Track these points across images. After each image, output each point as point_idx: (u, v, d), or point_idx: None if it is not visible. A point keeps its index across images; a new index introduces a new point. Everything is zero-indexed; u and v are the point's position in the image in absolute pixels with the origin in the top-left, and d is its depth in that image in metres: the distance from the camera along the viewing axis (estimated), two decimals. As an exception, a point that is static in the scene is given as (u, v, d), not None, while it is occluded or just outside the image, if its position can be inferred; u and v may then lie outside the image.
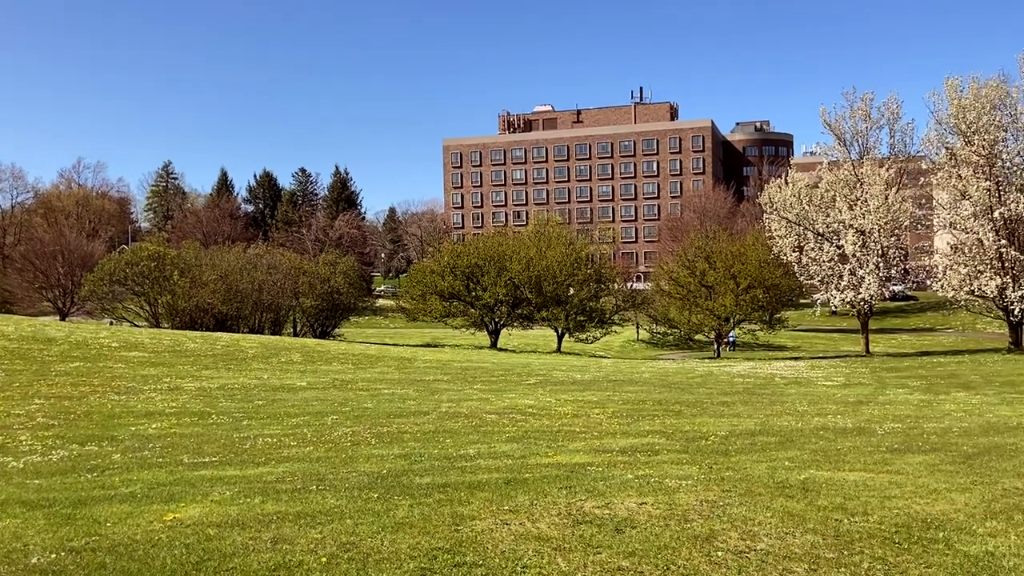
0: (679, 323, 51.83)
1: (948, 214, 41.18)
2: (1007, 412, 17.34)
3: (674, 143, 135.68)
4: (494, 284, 50.42)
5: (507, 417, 15.60)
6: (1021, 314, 37.84)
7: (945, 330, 71.14)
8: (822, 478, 9.28)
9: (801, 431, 13.98)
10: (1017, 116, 38.32)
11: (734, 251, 50.23)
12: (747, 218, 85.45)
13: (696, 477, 9.25)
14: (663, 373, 31.35)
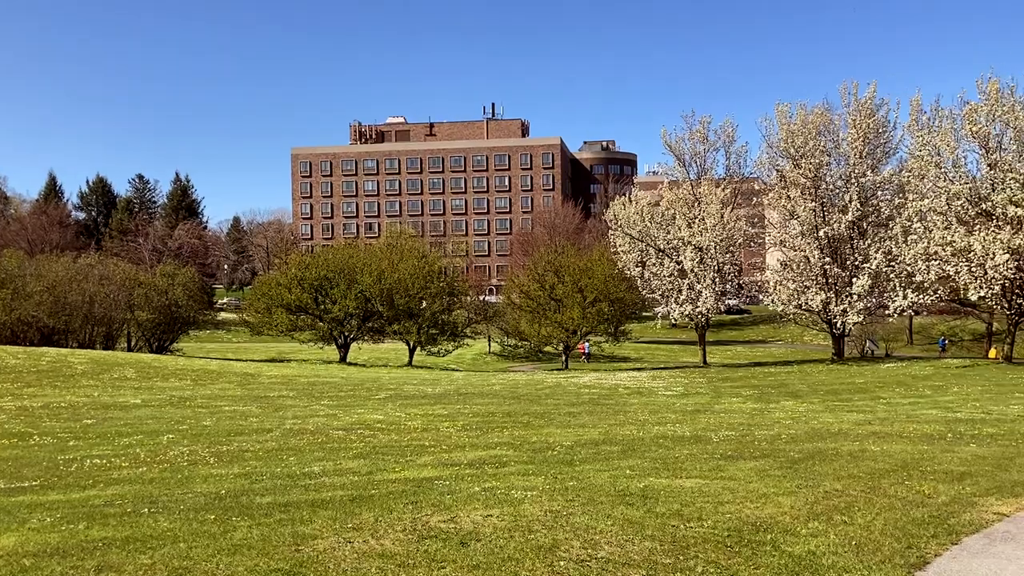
0: (529, 336, 52.63)
1: (778, 232, 43.83)
2: (830, 419, 18.52)
3: (525, 159, 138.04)
4: (344, 297, 49.60)
5: (355, 433, 15.33)
6: (843, 327, 40.63)
7: (776, 342, 75.52)
8: (661, 485, 9.60)
9: (642, 440, 14.44)
10: (839, 142, 41.27)
11: (582, 265, 51.55)
12: (594, 234, 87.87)
13: (541, 488, 9.37)
14: (513, 385, 31.70)
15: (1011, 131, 34.77)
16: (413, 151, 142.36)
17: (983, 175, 35.72)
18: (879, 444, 13.59)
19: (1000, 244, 32.18)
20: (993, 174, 34.73)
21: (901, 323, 64.13)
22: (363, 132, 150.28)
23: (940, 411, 19.96)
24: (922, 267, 35.17)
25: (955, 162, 35.91)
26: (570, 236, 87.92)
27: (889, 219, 39.02)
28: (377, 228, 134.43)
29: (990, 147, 35.08)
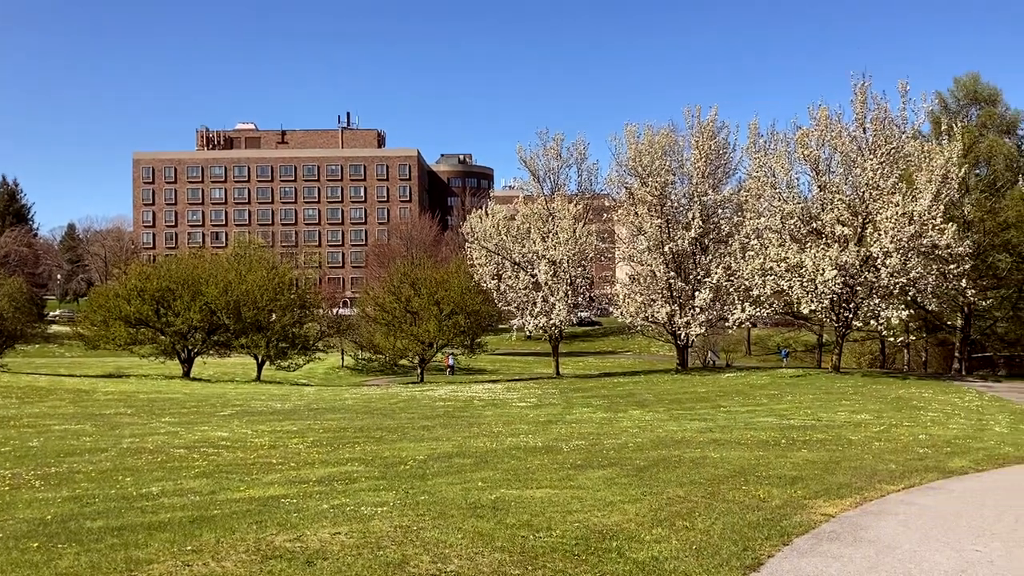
0: (384, 349, 52.01)
1: (627, 247, 45.30)
2: (674, 427, 19.22)
3: (381, 170, 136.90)
4: (188, 309, 47.48)
5: (197, 451, 14.68)
6: (687, 338, 42.37)
7: (625, 353, 77.89)
8: (512, 497, 9.68)
9: (495, 451, 14.52)
10: (684, 162, 43.12)
11: (438, 278, 51.48)
12: (451, 246, 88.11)
13: (392, 503, 9.26)
14: (367, 399, 31.24)
15: (838, 155, 37.27)
16: (264, 159, 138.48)
17: (814, 196, 38.12)
18: (719, 451, 14.21)
19: (829, 261, 34.39)
20: (823, 195, 37.12)
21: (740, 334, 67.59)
22: (211, 138, 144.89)
23: (775, 419, 21.08)
24: (759, 282, 37.12)
25: (789, 183, 38.14)
26: (427, 248, 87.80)
27: (729, 236, 41.02)
28: (225, 238, 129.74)
29: (820, 170, 37.50)
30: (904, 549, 7.66)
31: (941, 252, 35.49)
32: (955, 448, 15.20)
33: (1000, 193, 46.51)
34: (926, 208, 34.36)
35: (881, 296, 35.64)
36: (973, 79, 51.42)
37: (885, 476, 11.66)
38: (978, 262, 42.23)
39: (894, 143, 35.80)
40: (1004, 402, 25.43)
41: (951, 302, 41.89)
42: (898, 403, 24.62)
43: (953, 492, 10.72)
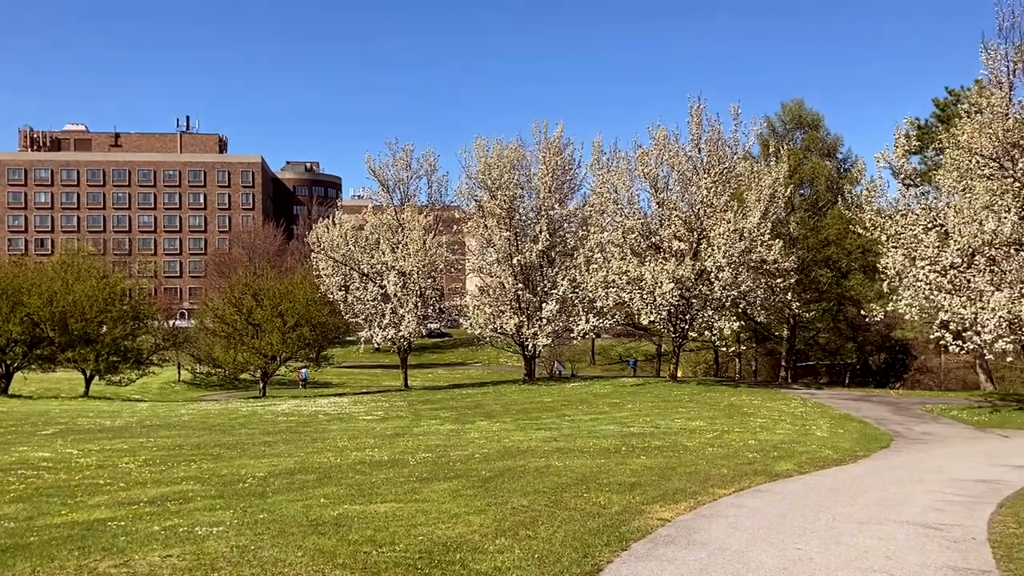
0: (224, 362, 50.08)
1: (477, 259, 45.67)
2: (520, 437, 19.47)
3: (223, 176, 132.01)
4: (7, 321, 44.15)
5: (14, 474, 13.64)
6: (534, 349, 43.09)
7: (474, 364, 78.25)
8: (355, 512, 9.51)
9: (340, 467, 14.25)
10: (531, 176, 43.94)
11: (283, 289, 50.12)
12: (296, 256, 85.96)
13: (229, 522, 8.90)
14: (204, 415, 29.99)
15: (675, 174, 39.06)
16: (95, 162, 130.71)
17: (653, 212, 39.76)
18: (563, 460, 14.50)
19: (667, 274, 35.88)
20: (661, 212, 38.75)
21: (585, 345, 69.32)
22: (35, 139, 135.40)
23: (617, 427, 21.74)
24: (602, 294, 38.27)
25: (630, 199, 39.63)
26: (271, 258, 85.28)
27: (574, 249, 42.11)
28: (51, 244, 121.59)
29: (659, 187, 39.13)
30: (733, 550, 8.04)
31: (769, 267, 37.76)
32: (781, 452, 16.14)
33: (822, 212, 49.98)
34: (755, 225, 36.48)
35: (715, 308, 37.48)
36: (798, 105, 55.01)
37: (717, 480, 12.23)
38: (802, 276, 45.17)
39: (726, 163, 37.85)
40: (825, 408, 27.25)
41: (778, 314, 44.57)
42: (730, 410, 25.91)
43: (778, 494, 11.36)
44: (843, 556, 7.85)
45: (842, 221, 39.29)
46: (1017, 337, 25.11)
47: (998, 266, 26.02)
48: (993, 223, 25.01)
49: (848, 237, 41.46)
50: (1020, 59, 26.46)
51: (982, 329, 24.90)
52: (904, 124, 29.21)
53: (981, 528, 9.17)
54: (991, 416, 25.35)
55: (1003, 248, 25.68)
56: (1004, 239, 25.17)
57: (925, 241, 26.98)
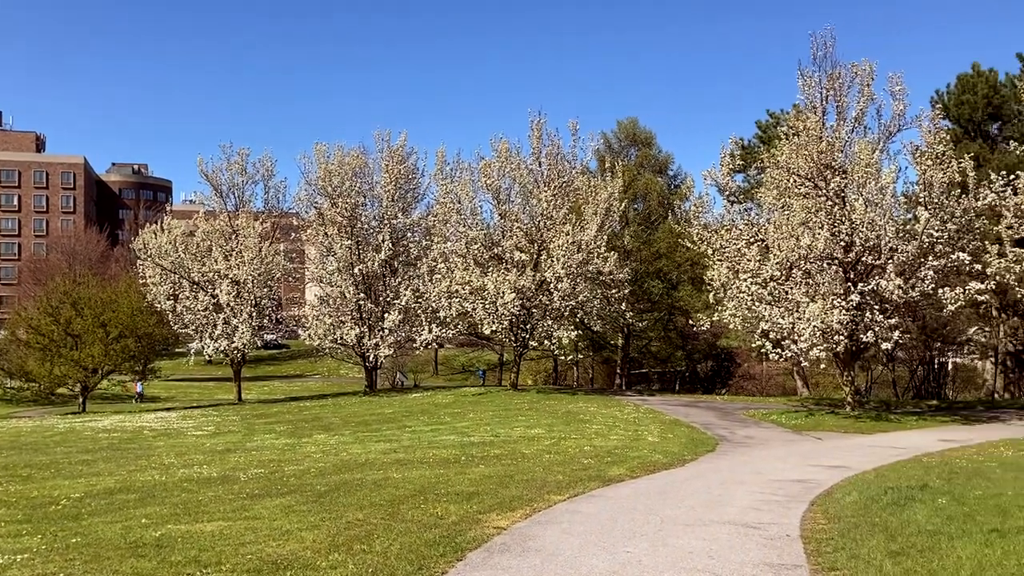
0: (39, 377, 46.59)
1: (317, 268, 44.61)
2: (359, 450, 19.13)
3: (40, 177, 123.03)
4: None
5: None
6: (375, 360, 42.52)
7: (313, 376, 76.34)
8: (179, 532, 9.03)
9: (164, 485, 13.52)
10: (374, 185, 43.43)
11: (105, 298, 47.19)
12: (121, 263, 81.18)
13: (37, 549, 8.25)
14: (15, 433, 27.80)
15: (517, 186, 39.68)
16: None
17: (495, 223, 40.21)
18: (401, 471, 14.35)
19: (508, 284, 36.33)
20: (503, 223, 39.23)
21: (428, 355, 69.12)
22: None
23: (457, 436, 21.76)
24: (445, 304, 38.31)
25: (473, 210, 39.89)
26: (93, 265, 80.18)
27: (418, 259, 41.93)
28: None
29: (501, 199, 39.61)
30: (566, 555, 8.17)
31: (605, 278, 38.98)
32: (615, 458, 16.63)
33: (654, 226, 52.13)
34: (592, 238, 37.59)
35: (554, 318, 38.28)
36: (632, 123, 57.22)
37: (553, 487, 12.43)
38: (636, 287, 46.90)
39: (566, 177, 38.82)
40: (657, 413, 28.32)
41: (613, 323, 46.02)
42: (568, 417, 26.48)
43: (611, 499, 11.67)
44: (669, 557, 8.13)
45: (672, 235, 41.06)
46: (829, 345, 26.97)
47: (812, 279, 27.91)
48: (808, 238, 26.79)
49: (678, 250, 43.35)
50: (832, 86, 28.56)
51: (799, 338, 26.60)
52: (729, 144, 30.90)
53: (795, 525, 9.75)
54: (806, 420, 27.11)
55: (817, 262, 27.57)
56: (818, 253, 27.02)
57: (748, 255, 28.57)
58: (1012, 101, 38.98)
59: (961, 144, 37.16)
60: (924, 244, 26.89)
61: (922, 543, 8.26)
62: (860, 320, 26.82)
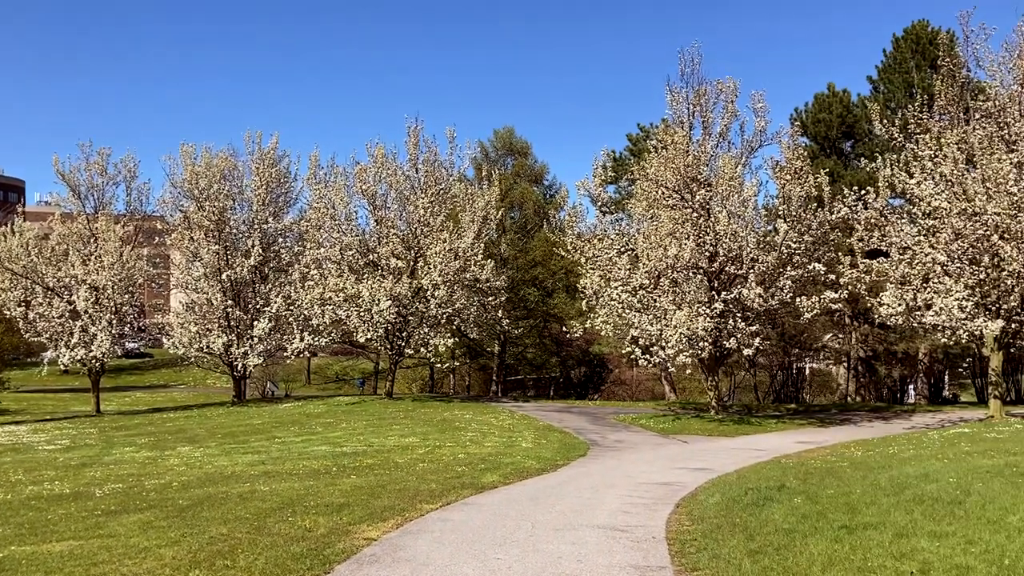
0: None
1: (182, 274, 42.85)
2: (225, 462, 18.49)
3: None
4: None
5: None
6: (244, 369, 41.22)
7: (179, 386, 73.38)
8: (24, 554, 8.48)
9: (10, 504, 12.68)
10: (243, 188, 42.13)
11: (-53, 304, 44.00)
12: (-33, 267, 75.87)
13: None
14: None
15: (394, 192, 39.35)
16: None
17: (371, 229, 39.72)
18: (269, 483, 13.95)
19: (384, 292, 35.95)
20: (379, 229, 38.82)
21: (300, 364, 67.57)
22: None
23: (329, 447, 21.32)
24: (318, 311, 37.54)
25: (348, 216, 39.30)
26: (-66, 269, 74.55)
27: (289, 265, 40.90)
28: None
29: (377, 205, 39.18)
30: (437, 564, 8.12)
31: (482, 285, 39.14)
32: (488, 464, 16.67)
33: (530, 235, 52.78)
34: (469, 245, 37.72)
35: (430, 325, 38.14)
36: (509, 132, 57.79)
37: (426, 495, 12.35)
38: (512, 295, 47.30)
39: (443, 184, 38.83)
40: (531, 420, 28.61)
41: (490, 330, 46.30)
42: (443, 425, 26.41)
43: (483, 506, 11.69)
44: (539, 563, 8.20)
45: (548, 243, 41.70)
46: (695, 351, 27.93)
47: (679, 287, 28.87)
48: (675, 248, 27.68)
49: (553, 259, 43.99)
50: (699, 102, 29.65)
51: (666, 344, 27.42)
52: (602, 156, 31.62)
53: (660, 527, 10.02)
54: (674, 423, 27.98)
55: (683, 271, 28.53)
56: (684, 263, 27.96)
57: (619, 263, 29.28)
58: (863, 121, 41.40)
59: (817, 160, 39.33)
60: (783, 255, 28.26)
61: (778, 541, 8.63)
62: (724, 327, 27.91)
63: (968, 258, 25.50)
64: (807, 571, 7.47)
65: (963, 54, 27.30)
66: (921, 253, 25.91)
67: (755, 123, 29.64)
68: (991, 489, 10.35)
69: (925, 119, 27.13)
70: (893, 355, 46.13)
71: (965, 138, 25.78)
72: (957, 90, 27.03)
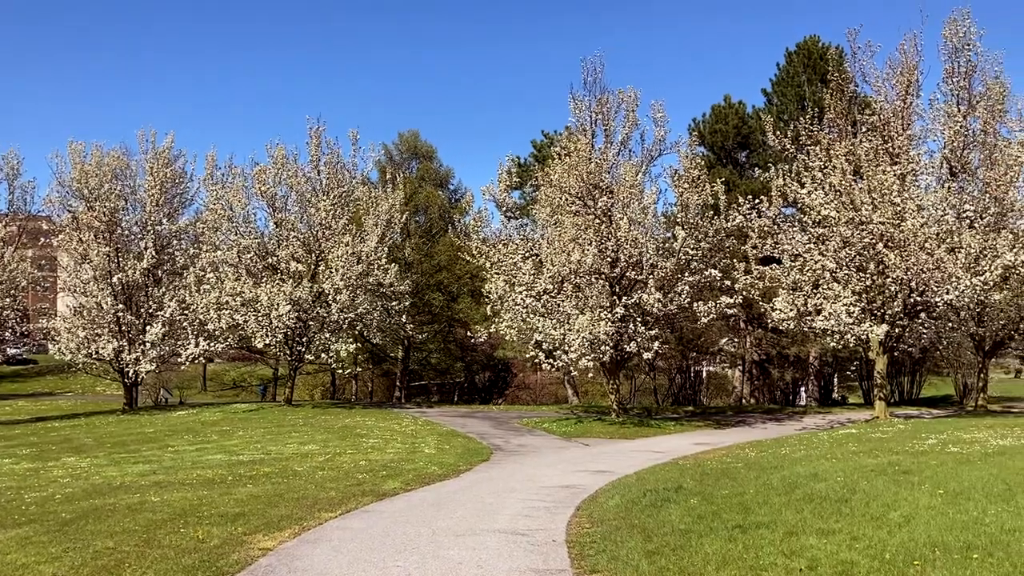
0: None
1: (70, 277, 40.94)
2: (114, 472, 17.73)
3: None
4: None
5: None
6: (135, 375, 39.68)
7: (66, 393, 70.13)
8: None
9: None
10: (136, 188, 40.57)
11: None
12: None
13: None
14: None
15: (294, 194, 38.53)
16: None
17: (271, 232, 38.78)
18: (161, 494, 13.44)
19: (284, 296, 35.17)
20: (279, 232, 37.95)
21: (195, 370, 65.53)
22: None
23: (225, 455, 20.70)
24: (214, 316, 36.42)
25: (246, 218, 38.26)
26: None
27: (185, 268, 39.51)
28: None
29: (277, 207, 38.29)
30: (334, 573, 7.97)
31: (385, 290, 38.75)
32: (390, 471, 16.49)
33: (435, 239, 52.57)
34: (372, 249, 37.31)
35: (332, 330, 37.53)
36: (414, 135, 57.46)
37: (325, 504, 12.11)
38: (416, 299, 47.03)
39: (345, 187, 38.26)
40: (435, 425, 28.46)
41: (394, 335, 45.85)
42: (344, 432, 26.00)
43: (384, 513, 11.53)
44: (439, 569, 8.14)
45: (453, 248, 41.56)
46: (597, 355, 28.33)
47: (582, 292, 29.22)
48: (578, 254, 28.03)
49: (458, 263, 43.95)
50: (601, 110, 30.12)
51: (569, 348, 27.73)
52: (507, 162, 31.83)
53: (561, 530, 10.08)
54: (576, 427, 28.27)
55: (586, 276, 28.89)
56: (587, 268, 28.32)
57: (523, 268, 29.47)
58: (758, 132, 42.82)
59: (714, 169, 40.44)
60: (681, 261, 28.96)
61: (675, 542, 8.79)
62: (624, 331, 28.40)
63: (855, 265, 26.67)
64: (702, 570, 7.62)
65: (851, 69, 28.55)
66: (811, 260, 26.97)
67: (655, 132, 30.32)
68: (875, 487, 10.81)
69: (815, 131, 28.27)
70: (785, 358, 47.82)
71: (853, 150, 26.97)
72: (845, 104, 28.25)
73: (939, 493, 10.04)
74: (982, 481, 10.67)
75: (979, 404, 33.36)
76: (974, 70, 28.02)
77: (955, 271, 24.70)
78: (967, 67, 27.96)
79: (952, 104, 27.91)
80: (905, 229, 25.18)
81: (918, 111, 28.16)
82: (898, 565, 7.18)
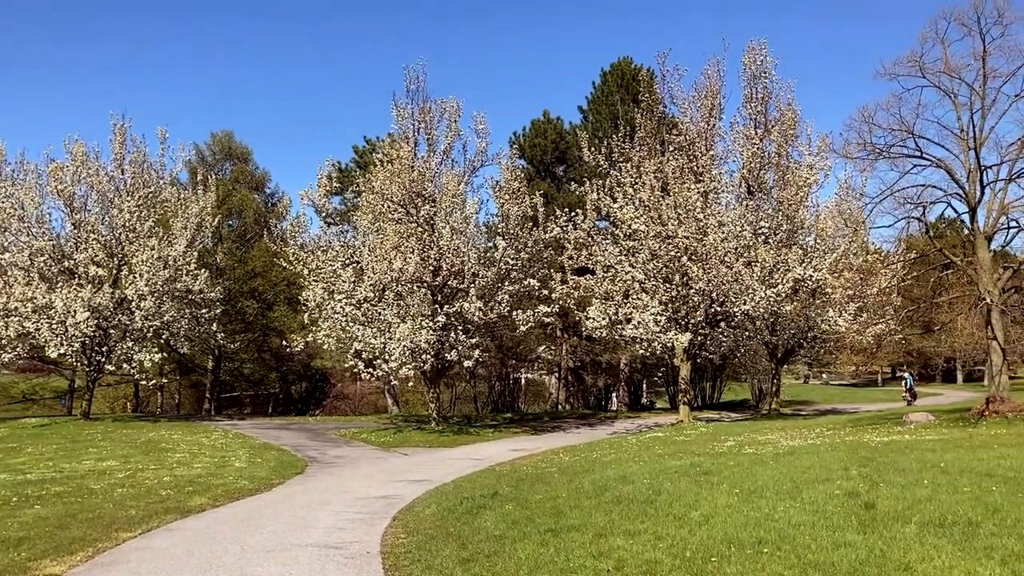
0: None
1: None
2: None
3: None
4: None
5: None
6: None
7: None
8: None
9: None
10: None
11: None
12: None
13: None
14: None
15: (95, 194, 36.02)
16: None
17: (68, 233, 36.05)
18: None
19: (82, 302, 32.77)
20: (77, 233, 35.35)
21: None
22: None
23: (10, 474, 19.00)
24: (1, 324, 33.48)
25: (40, 218, 35.36)
26: None
27: (-33, 271, 36.12)
28: None
29: (75, 207, 35.66)
30: (131, 598, 7.48)
31: (195, 297, 36.94)
32: (197, 487, 15.70)
33: (250, 244, 50.69)
34: (181, 253, 35.51)
35: (135, 339, 35.36)
36: (228, 136, 55.30)
37: (124, 523, 11.38)
38: (228, 307, 45.13)
39: (152, 187, 36.21)
40: (247, 438, 27.39)
41: (203, 345, 43.82)
42: (148, 446, 24.53)
43: (189, 531, 10.96)
44: (248, 587, 7.81)
45: (268, 254, 40.27)
46: (418, 364, 28.24)
47: (404, 300, 29.07)
48: (400, 262, 27.86)
49: (274, 269, 42.59)
50: (424, 119, 30.15)
51: (390, 357, 27.48)
52: (327, 166, 31.14)
53: (376, 542, 9.95)
54: (395, 436, 28.05)
55: (408, 284, 28.77)
56: (409, 276, 28.20)
57: (343, 276, 28.95)
58: (575, 147, 44.27)
59: (534, 182, 41.48)
60: (502, 270, 29.43)
61: (489, 548, 8.88)
62: (446, 340, 28.50)
63: (662, 276, 28.09)
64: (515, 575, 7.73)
65: (660, 91, 30.13)
66: (622, 271, 28.16)
67: (477, 143, 30.66)
68: (678, 488, 11.37)
69: (627, 149, 29.59)
70: (599, 365, 49.63)
71: (661, 168, 28.43)
72: (655, 124, 29.76)
73: (736, 492, 10.69)
74: (773, 480, 11.46)
75: (773, 408, 35.97)
76: (770, 96, 30.29)
77: (751, 283, 26.52)
78: (763, 93, 30.18)
79: (750, 127, 30.01)
80: (707, 243, 26.78)
81: (720, 133, 30.11)
82: (697, 562, 7.58)
